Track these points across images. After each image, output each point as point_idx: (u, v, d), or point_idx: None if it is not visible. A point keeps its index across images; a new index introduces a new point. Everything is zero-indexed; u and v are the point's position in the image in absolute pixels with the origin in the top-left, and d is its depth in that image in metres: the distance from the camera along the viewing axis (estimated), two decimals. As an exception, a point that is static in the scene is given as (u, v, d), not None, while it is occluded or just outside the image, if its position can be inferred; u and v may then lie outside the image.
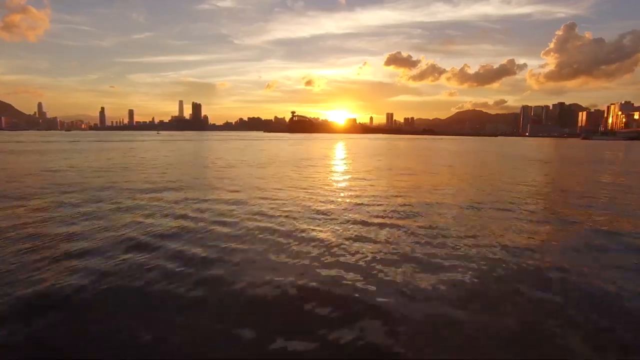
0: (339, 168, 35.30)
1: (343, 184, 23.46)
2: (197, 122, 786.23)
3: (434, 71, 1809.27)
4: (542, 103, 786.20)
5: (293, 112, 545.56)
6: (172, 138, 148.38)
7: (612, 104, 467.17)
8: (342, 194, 19.34)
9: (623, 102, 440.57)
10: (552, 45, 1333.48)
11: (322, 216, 14.14)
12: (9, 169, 29.63)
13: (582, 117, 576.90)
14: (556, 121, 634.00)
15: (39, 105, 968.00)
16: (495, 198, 18.53)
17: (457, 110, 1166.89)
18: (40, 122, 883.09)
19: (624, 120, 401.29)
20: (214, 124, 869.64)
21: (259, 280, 8.05)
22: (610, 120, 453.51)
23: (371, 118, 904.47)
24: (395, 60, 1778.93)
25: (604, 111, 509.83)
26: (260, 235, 11.40)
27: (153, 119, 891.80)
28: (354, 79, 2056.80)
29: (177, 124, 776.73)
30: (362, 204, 16.69)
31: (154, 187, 20.61)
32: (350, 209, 15.60)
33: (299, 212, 14.80)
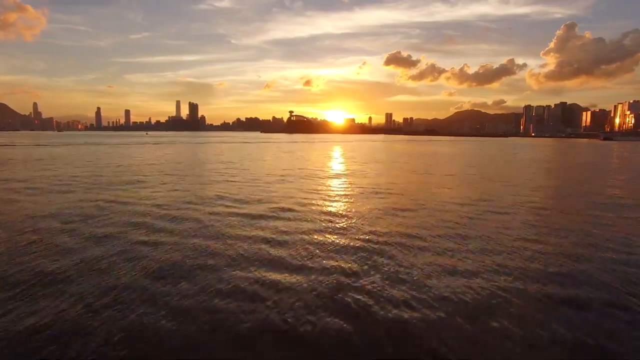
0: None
1: None
2: (194, 123, 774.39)
3: (434, 71, 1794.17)
4: (541, 103, 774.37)
5: (291, 112, 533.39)
6: (157, 140, 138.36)
7: (619, 104, 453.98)
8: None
9: (632, 101, 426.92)
10: (552, 45, 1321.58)
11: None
12: None
13: (586, 117, 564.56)
14: (558, 121, 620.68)
15: (35, 105, 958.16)
16: None
17: (456, 110, 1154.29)
18: (36, 122, 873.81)
19: (632, 120, 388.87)
20: (211, 124, 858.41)
21: None
22: (617, 120, 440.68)
23: (370, 118, 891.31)
24: (395, 59, 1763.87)
25: (610, 111, 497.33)
26: None
27: (150, 119, 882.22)
28: (353, 79, 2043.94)
29: (174, 124, 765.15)
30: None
31: None
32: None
33: None
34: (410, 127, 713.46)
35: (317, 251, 11.79)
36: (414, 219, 16.19)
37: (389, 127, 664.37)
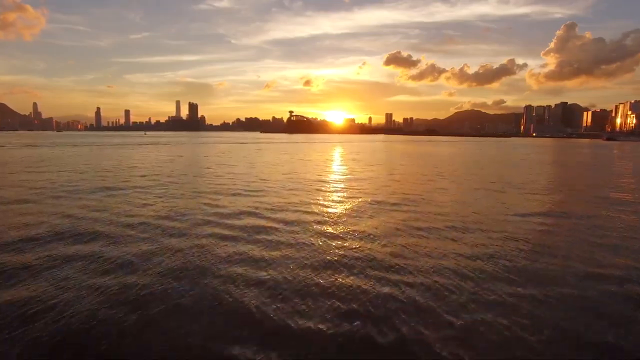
0: None
1: None
2: (193, 123, 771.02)
3: (433, 71, 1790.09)
4: (541, 103, 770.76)
5: (291, 112, 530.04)
6: (155, 140, 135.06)
7: (620, 104, 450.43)
8: None
9: (633, 101, 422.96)
10: (552, 45, 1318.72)
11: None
12: None
13: (587, 117, 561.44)
14: (558, 121, 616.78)
15: (34, 105, 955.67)
16: None
17: (456, 111, 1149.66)
18: (35, 122, 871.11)
19: (634, 120, 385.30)
20: (211, 124, 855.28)
21: None
22: (619, 121, 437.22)
23: (370, 118, 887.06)
24: (395, 59, 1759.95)
25: (610, 111, 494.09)
26: None
27: (150, 119, 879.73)
28: (353, 79, 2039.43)
29: (174, 124, 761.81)
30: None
31: None
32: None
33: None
34: (410, 127, 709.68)
35: (336, 307, 8.34)
36: (451, 244, 12.84)
37: (389, 127, 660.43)
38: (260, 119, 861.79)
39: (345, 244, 12.52)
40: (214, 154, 60.47)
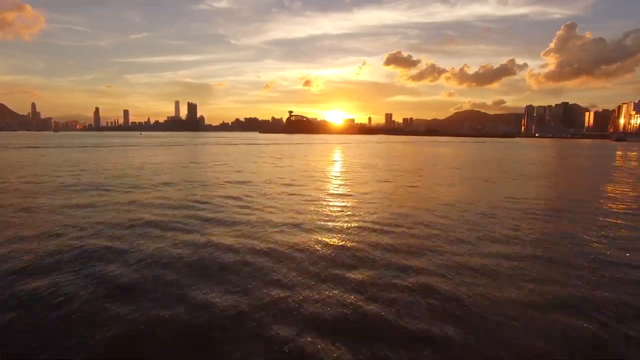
0: None
1: None
2: (192, 123, 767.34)
3: (433, 71, 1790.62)
4: (541, 103, 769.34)
5: (290, 112, 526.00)
6: (150, 141, 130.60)
7: (623, 104, 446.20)
8: None
9: (637, 101, 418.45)
10: (552, 45, 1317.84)
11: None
12: None
13: (589, 117, 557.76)
14: (559, 121, 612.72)
15: (33, 105, 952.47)
16: None
17: (456, 111, 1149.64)
18: (34, 122, 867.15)
19: (638, 120, 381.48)
20: (210, 125, 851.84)
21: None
22: (622, 121, 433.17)
23: (370, 118, 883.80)
24: (395, 60, 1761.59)
25: (613, 111, 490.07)
26: None
27: (149, 119, 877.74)
28: (352, 79, 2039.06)
29: (173, 124, 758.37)
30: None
31: None
32: None
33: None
34: (410, 128, 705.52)
35: None
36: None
37: (389, 128, 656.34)
38: (260, 119, 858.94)
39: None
40: (208, 160, 55.84)
